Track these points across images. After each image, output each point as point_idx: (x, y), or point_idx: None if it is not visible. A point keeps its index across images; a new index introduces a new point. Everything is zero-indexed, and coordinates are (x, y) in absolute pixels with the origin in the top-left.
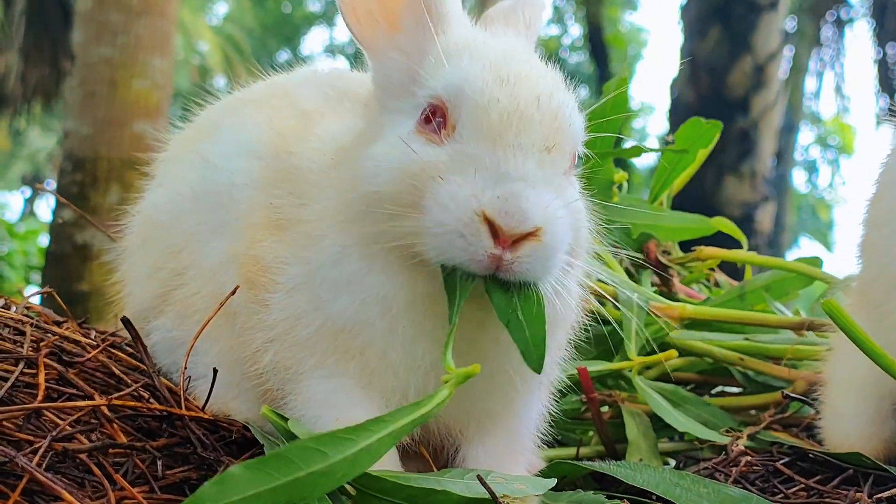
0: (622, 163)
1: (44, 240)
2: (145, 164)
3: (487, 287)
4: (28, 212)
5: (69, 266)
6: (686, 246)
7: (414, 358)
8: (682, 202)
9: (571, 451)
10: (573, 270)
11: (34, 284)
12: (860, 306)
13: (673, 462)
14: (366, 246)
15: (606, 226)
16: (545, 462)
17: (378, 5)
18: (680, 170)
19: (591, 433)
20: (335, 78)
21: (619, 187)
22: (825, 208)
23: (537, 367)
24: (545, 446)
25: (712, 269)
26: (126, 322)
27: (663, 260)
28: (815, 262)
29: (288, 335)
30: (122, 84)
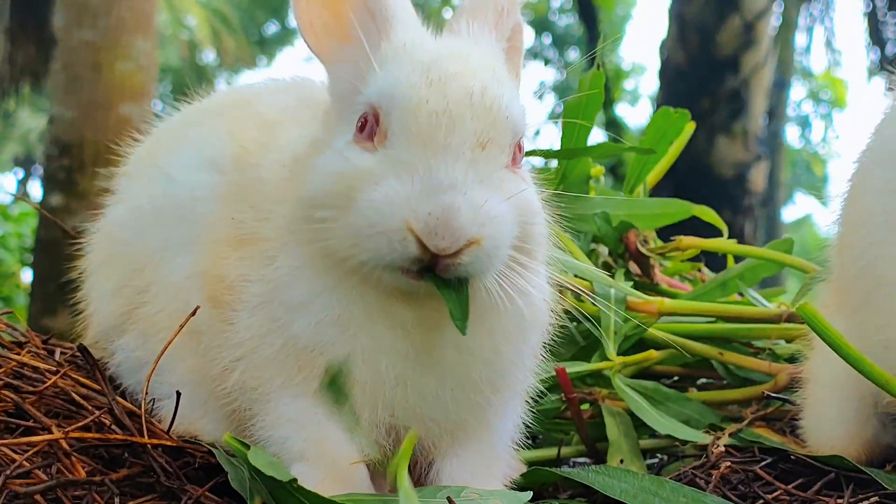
0: (614, 125)
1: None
2: (108, 175)
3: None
4: (21, 193)
5: (60, 252)
6: (668, 232)
7: (378, 373)
8: (675, 164)
9: (552, 451)
10: (530, 269)
11: (29, 267)
12: (837, 307)
13: (656, 458)
14: (318, 265)
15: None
16: (525, 464)
17: (332, 17)
18: (653, 162)
19: (572, 432)
20: (297, 86)
21: (597, 181)
22: (819, 163)
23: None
24: (525, 447)
25: (695, 260)
26: (83, 349)
27: (643, 250)
28: (788, 244)
29: (254, 354)
30: (105, 67)
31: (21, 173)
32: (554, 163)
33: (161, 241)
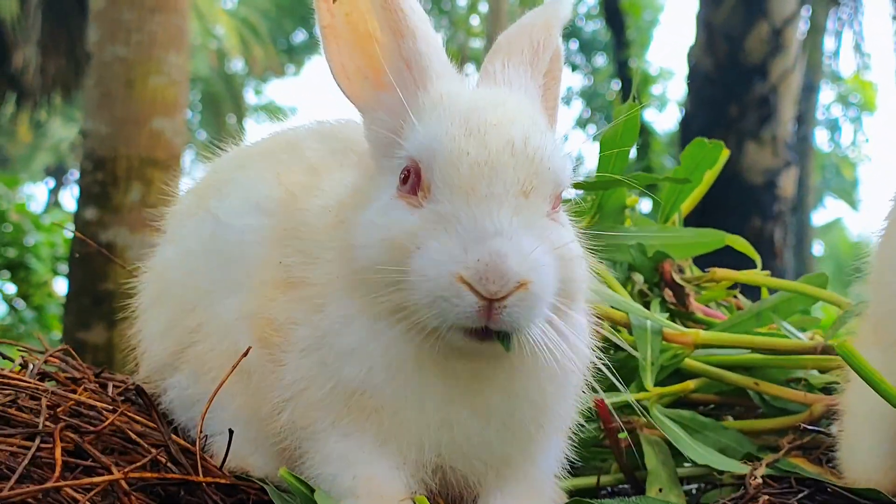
0: (643, 131)
1: (69, 232)
2: (165, 162)
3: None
4: (53, 202)
5: (94, 266)
6: (704, 260)
7: (425, 416)
8: None
9: (592, 479)
10: (572, 314)
11: (61, 276)
12: (873, 341)
13: (694, 487)
14: (369, 314)
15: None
16: (566, 494)
17: (366, 61)
18: (688, 192)
19: (611, 460)
20: (341, 128)
21: (632, 210)
22: (849, 167)
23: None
24: (566, 475)
25: (732, 288)
26: (140, 391)
27: (678, 280)
28: (822, 279)
29: (302, 396)
30: (138, 82)
31: (52, 183)
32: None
33: (211, 283)
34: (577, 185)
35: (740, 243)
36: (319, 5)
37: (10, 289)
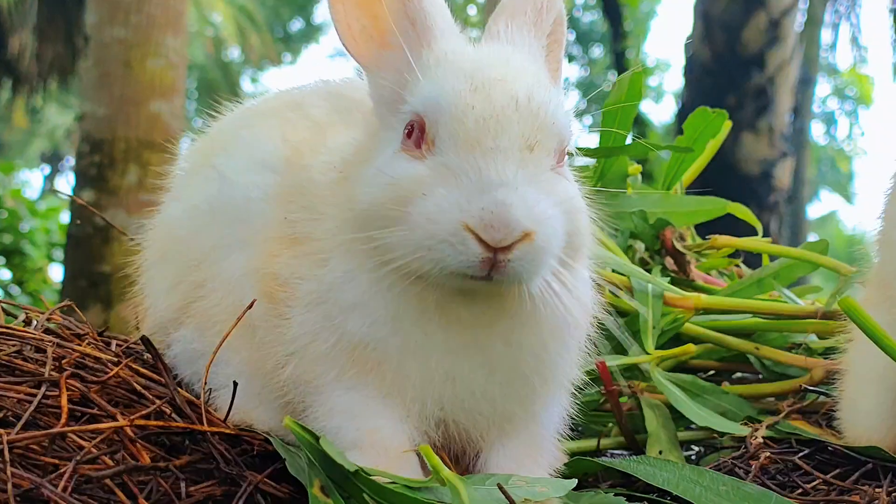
0: (638, 122)
1: (65, 217)
2: (162, 145)
3: None
4: (48, 189)
5: (91, 247)
6: (705, 229)
7: (428, 369)
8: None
9: (592, 442)
10: (576, 268)
11: (56, 262)
12: (879, 300)
13: (694, 450)
14: (371, 268)
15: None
16: (567, 454)
17: (371, 21)
18: (690, 161)
19: (611, 424)
20: (346, 88)
21: (634, 179)
22: (845, 160)
23: None
24: (567, 438)
25: (733, 256)
26: (146, 341)
27: (679, 247)
28: (823, 246)
29: (307, 350)
30: (136, 64)
31: (48, 169)
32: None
33: (216, 239)
34: (580, 152)
35: (742, 211)
36: None
37: (6, 275)
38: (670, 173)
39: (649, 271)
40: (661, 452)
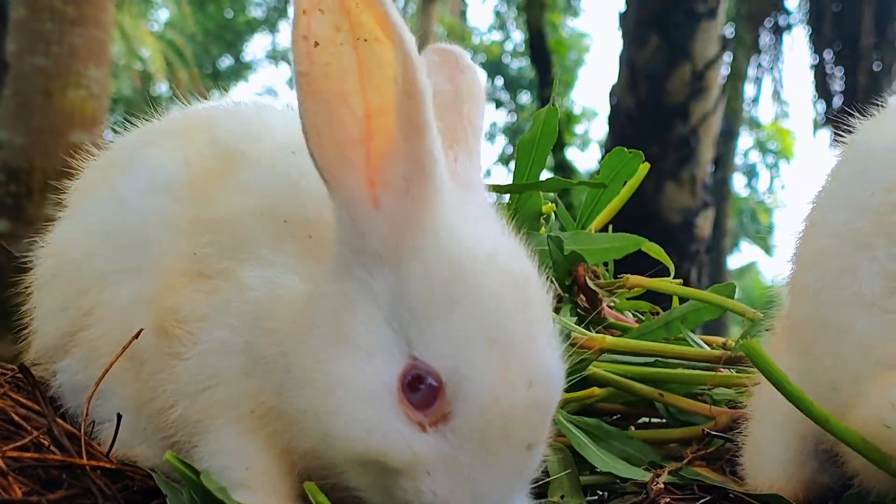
0: (564, 167)
1: None
2: (61, 191)
3: None
4: None
5: (4, 278)
6: (622, 271)
7: None
8: (622, 209)
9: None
10: None
11: None
12: (787, 345)
13: (597, 496)
14: None
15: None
16: None
17: (346, 137)
18: (606, 200)
19: None
20: (259, 113)
21: (547, 218)
22: (765, 212)
23: None
24: None
25: (646, 297)
26: (23, 369)
27: (591, 284)
28: (730, 289)
29: (204, 393)
30: (56, 94)
31: None
32: (506, 198)
33: (109, 265)
34: (493, 189)
35: (655, 250)
36: (298, 46)
37: None
38: (585, 212)
39: (559, 309)
40: (563, 497)
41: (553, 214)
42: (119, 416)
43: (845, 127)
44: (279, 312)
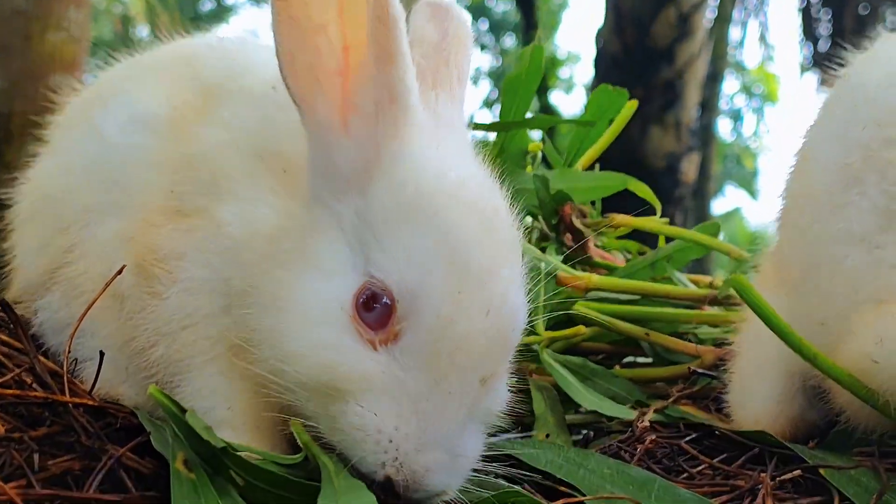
0: (548, 111)
1: None
2: (42, 129)
3: None
4: None
5: None
6: (607, 208)
7: None
8: (607, 153)
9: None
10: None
11: None
12: (775, 283)
13: (582, 434)
14: None
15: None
16: None
17: (321, 65)
18: (594, 138)
19: None
20: (242, 48)
21: (533, 158)
22: (750, 157)
23: None
24: None
25: (631, 236)
26: (5, 306)
27: (578, 223)
28: (714, 228)
29: (184, 332)
30: (36, 37)
31: None
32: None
33: (89, 202)
34: (478, 127)
35: (642, 189)
36: None
37: None
38: (572, 150)
39: (545, 249)
40: (548, 435)
41: (540, 154)
42: (101, 354)
43: (837, 62)
44: (254, 246)
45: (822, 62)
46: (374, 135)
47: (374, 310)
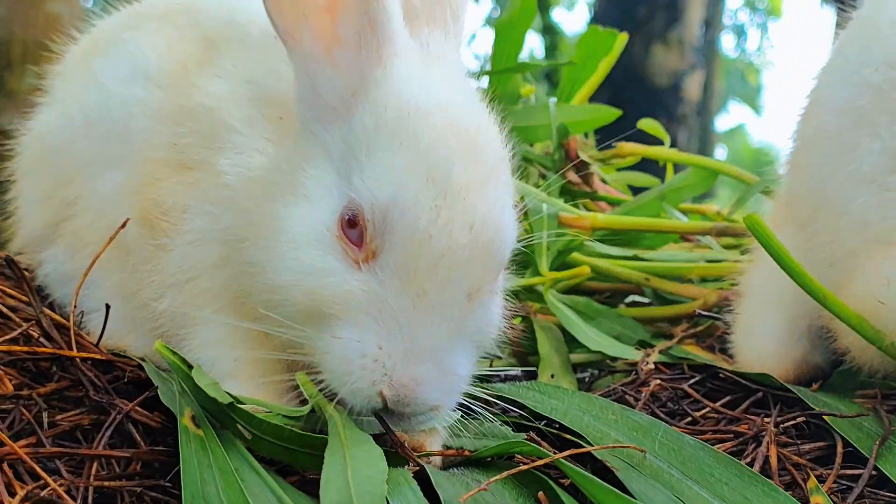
0: (550, 31)
1: None
2: (41, 64)
3: None
4: None
5: None
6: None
7: None
8: (610, 73)
9: (484, 363)
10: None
11: None
12: (785, 221)
13: (587, 373)
14: None
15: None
16: None
17: (309, 3)
18: (586, 77)
19: (503, 345)
20: None
21: (527, 101)
22: (754, 72)
23: None
24: None
25: (639, 166)
26: (10, 261)
27: (583, 156)
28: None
29: (188, 284)
30: None
31: None
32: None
33: (91, 154)
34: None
35: (650, 125)
36: None
37: None
38: (566, 87)
39: (544, 190)
40: (553, 376)
41: (533, 97)
42: (108, 307)
43: (850, 3)
44: (250, 192)
45: None
46: (357, 63)
47: (358, 227)
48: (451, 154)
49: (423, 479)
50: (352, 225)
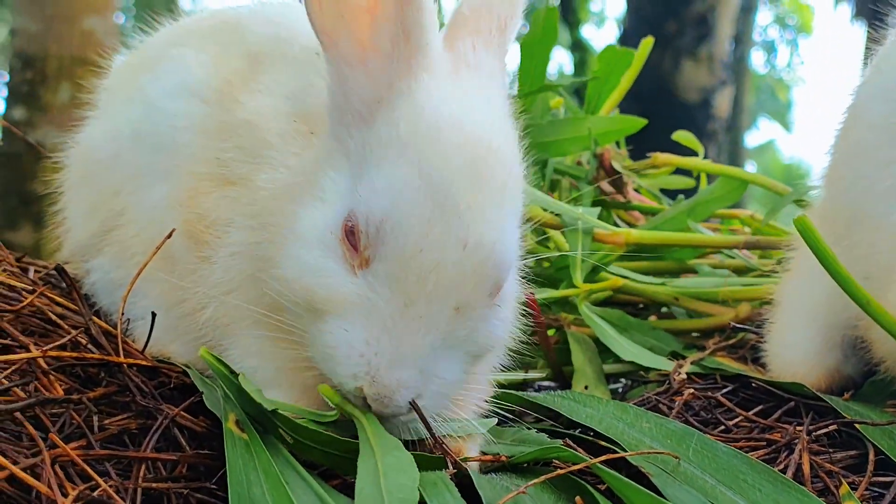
0: (580, 47)
1: None
2: (96, 62)
3: None
4: None
5: (22, 165)
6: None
7: None
8: (640, 89)
9: (519, 375)
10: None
11: None
12: (822, 236)
13: (620, 384)
14: None
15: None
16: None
17: (348, 2)
18: (606, 93)
19: (538, 357)
20: (286, 13)
21: (556, 113)
22: (784, 89)
23: None
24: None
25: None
26: (60, 270)
27: (618, 167)
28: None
29: (229, 295)
30: None
31: None
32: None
33: (138, 168)
34: None
35: (685, 137)
36: None
37: None
38: (591, 101)
39: (577, 201)
40: (586, 387)
41: (562, 109)
42: (153, 315)
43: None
44: (278, 207)
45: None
46: (387, 71)
47: (354, 235)
48: (453, 173)
49: (460, 483)
50: (352, 231)
